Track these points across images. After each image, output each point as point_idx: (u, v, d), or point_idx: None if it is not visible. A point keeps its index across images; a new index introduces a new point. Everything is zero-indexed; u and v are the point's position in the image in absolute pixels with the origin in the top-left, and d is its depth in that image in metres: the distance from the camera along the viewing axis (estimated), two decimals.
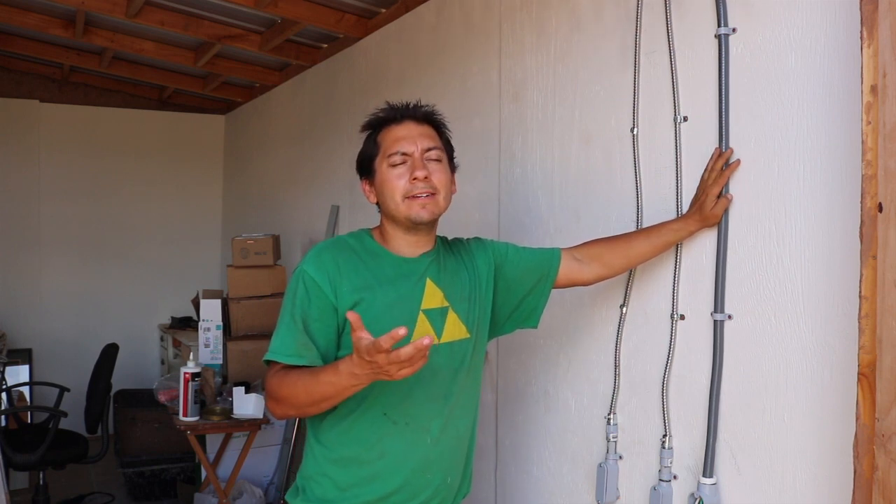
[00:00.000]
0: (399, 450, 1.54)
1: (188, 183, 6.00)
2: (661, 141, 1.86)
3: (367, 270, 1.54)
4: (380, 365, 1.23)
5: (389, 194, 1.54)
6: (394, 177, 1.53)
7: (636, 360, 1.93)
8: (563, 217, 2.20)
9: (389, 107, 1.61)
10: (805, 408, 1.51)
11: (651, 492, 1.84)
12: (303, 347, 1.47)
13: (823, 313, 1.48)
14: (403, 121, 1.58)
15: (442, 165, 1.57)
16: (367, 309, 1.48)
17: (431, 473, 1.57)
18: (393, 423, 1.53)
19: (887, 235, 1.20)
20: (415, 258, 1.59)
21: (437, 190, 1.54)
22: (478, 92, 2.62)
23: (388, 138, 1.57)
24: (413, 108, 1.60)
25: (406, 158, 1.54)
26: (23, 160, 5.43)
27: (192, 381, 3.14)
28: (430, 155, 1.55)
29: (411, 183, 1.52)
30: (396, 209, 1.54)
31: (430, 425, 1.56)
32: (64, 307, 5.55)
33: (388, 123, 1.59)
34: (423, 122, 1.60)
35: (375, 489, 1.53)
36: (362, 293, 1.51)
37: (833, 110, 1.46)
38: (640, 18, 1.90)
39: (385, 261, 1.57)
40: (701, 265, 1.75)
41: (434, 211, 1.54)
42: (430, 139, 1.57)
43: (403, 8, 3.21)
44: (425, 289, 1.56)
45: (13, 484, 3.89)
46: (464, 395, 1.62)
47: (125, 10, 3.71)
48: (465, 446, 1.66)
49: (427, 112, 1.61)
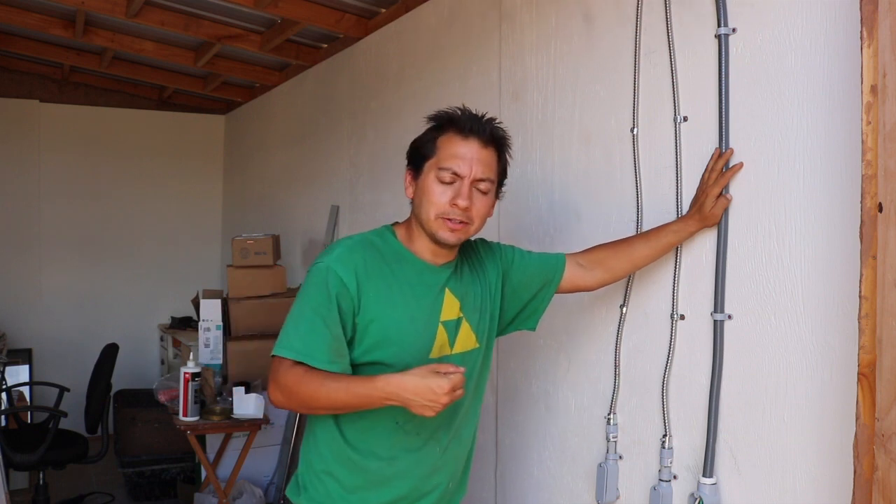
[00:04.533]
0: (410, 459, 1.54)
1: (188, 183, 6.00)
2: (661, 141, 1.86)
3: (392, 276, 1.51)
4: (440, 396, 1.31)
5: (426, 205, 1.50)
6: (437, 191, 1.48)
7: (636, 360, 1.93)
8: (563, 217, 2.20)
9: (463, 112, 1.52)
10: (805, 408, 1.51)
11: (651, 492, 1.84)
12: (335, 354, 1.44)
13: (823, 313, 1.48)
14: (470, 137, 1.49)
15: (488, 198, 1.53)
16: (390, 319, 1.48)
17: (437, 479, 1.58)
18: (405, 433, 1.53)
19: (887, 235, 1.20)
20: (438, 266, 1.57)
21: (472, 221, 1.50)
22: (478, 92, 2.62)
23: (447, 149, 1.49)
24: (484, 124, 1.51)
25: (455, 179, 1.48)
26: (23, 160, 5.43)
27: (192, 381, 3.13)
28: (479, 186, 1.50)
29: (450, 206, 1.47)
30: (427, 221, 1.50)
31: (440, 436, 1.56)
32: (64, 307, 5.55)
33: (454, 130, 1.50)
34: (489, 145, 1.51)
35: (382, 494, 1.53)
36: (386, 303, 1.48)
37: (833, 110, 1.46)
38: (640, 18, 1.90)
39: (410, 266, 1.54)
40: (701, 265, 1.75)
41: (461, 238, 1.52)
42: (486, 168, 1.50)
43: (403, 8, 3.21)
44: (445, 300, 1.55)
45: (13, 484, 3.89)
46: (472, 405, 1.63)
47: (125, 10, 3.71)
48: (466, 451, 1.67)
49: (497, 136, 1.53)
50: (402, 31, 3.23)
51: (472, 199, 1.48)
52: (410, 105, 3.08)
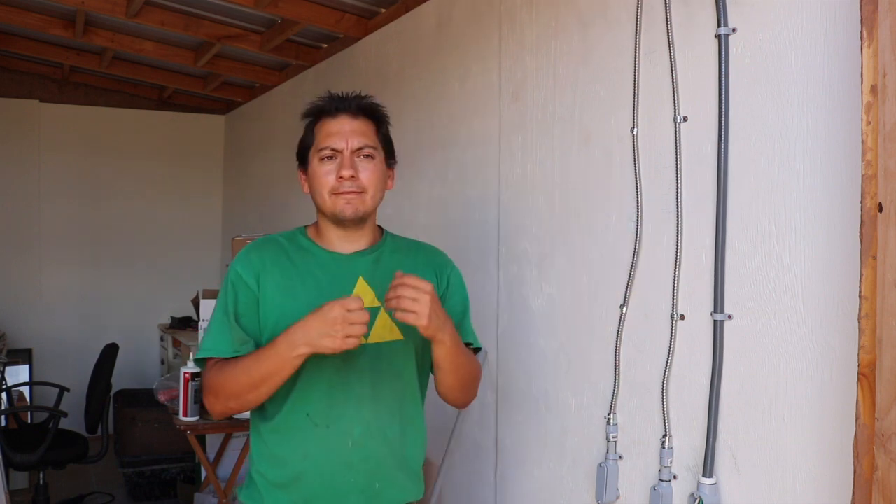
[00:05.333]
0: (320, 452, 1.52)
1: (188, 183, 6.00)
2: (661, 141, 1.86)
3: (293, 268, 1.55)
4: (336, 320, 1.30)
5: (318, 189, 1.55)
6: (322, 172, 1.53)
7: (636, 360, 1.93)
8: (563, 217, 2.20)
9: (328, 97, 1.58)
10: (805, 408, 1.51)
11: (651, 492, 1.84)
12: (238, 342, 1.50)
13: (823, 313, 1.48)
14: (338, 114, 1.55)
15: (374, 163, 1.55)
16: (289, 307, 1.50)
17: (354, 477, 1.53)
18: (315, 425, 1.52)
19: (887, 235, 1.20)
20: (347, 255, 1.58)
21: (365, 189, 1.53)
22: (478, 92, 2.62)
23: (321, 131, 1.56)
24: (349, 100, 1.56)
25: (335, 154, 1.53)
26: (23, 160, 5.43)
27: (192, 381, 3.13)
28: (361, 153, 1.53)
29: (338, 181, 1.51)
30: (323, 204, 1.54)
31: (351, 428, 1.53)
32: (64, 307, 5.55)
33: (324, 115, 1.57)
34: (360, 116, 1.56)
35: (301, 489, 1.53)
36: (286, 291, 1.53)
37: (833, 110, 1.46)
38: (640, 18, 1.90)
39: (314, 257, 1.57)
40: (701, 265, 1.75)
41: (359, 208, 1.53)
42: (362, 136, 1.54)
43: (403, 8, 3.21)
44: (355, 288, 1.55)
45: (13, 484, 3.89)
46: (393, 400, 1.57)
47: (125, 10, 3.71)
48: (398, 452, 1.59)
49: (363, 105, 1.57)
50: (402, 31, 3.23)
51: (356, 168, 1.52)
52: (410, 105, 3.08)
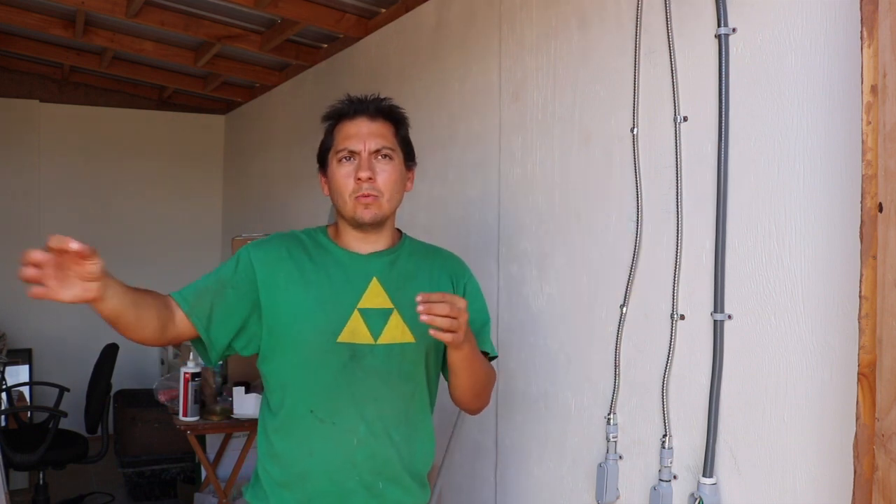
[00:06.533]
0: (326, 449, 1.52)
1: (188, 183, 6.00)
2: (661, 141, 1.86)
3: (309, 262, 1.56)
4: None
5: (337, 191, 1.55)
6: (341, 174, 1.53)
7: (636, 360, 1.93)
8: (563, 217, 2.20)
9: (347, 99, 1.59)
10: (805, 408, 1.51)
11: (651, 492, 1.84)
12: (195, 296, 1.51)
13: (823, 313, 1.48)
14: (356, 116, 1.56)
15: (392, 165, 1.55)
16: (298, 298, 1.51)
17: (360, 476, 1.52)
18: (320, 421, 1.52)
19: (887, 235, 1.20)
20: (364, 255, 1.58)
21: (382, 192, 1.53)
22: (478, 92, 2.62)
23: (340, 133, 1.57)
24: (367, 102, 1.57)
25: (353, 155, 1.53)
26: (23, 160, 5.43)
27: (192, 381, 3.13)
28: (379, 154, 1.54)
29: (356, 182, 1.52)
30: (343, 206, 1.54)
31: (356, 427, 1.52)
32: (64, 307, 5.45)
33: (343, 117, 1.58)
34: (378, 117, 1.56)
35: (306, 488, 1.53)
36: (298, 283, 1.53)
37: (833, 110, 1.46)
38: (640, 18, 1.90)
39: (331, 255, 1.58)
40: (701, 265, 1.75)
41: (377, 213, 1.53)
42: (380, 138, 1.54)
43: (403, 8, 3.21)
44: (369, 288, 1.54)
45: (13, 484, 3.89)
46: (399, 402, 1.56)
47: (125, 10, 3.71)
48: (406, 456, 1.57)
49: (381, 107, 1.58)
50: (402, 31, 3.23)
51: (373, 169, 1.52)
52: (410, 105, 3.05)
